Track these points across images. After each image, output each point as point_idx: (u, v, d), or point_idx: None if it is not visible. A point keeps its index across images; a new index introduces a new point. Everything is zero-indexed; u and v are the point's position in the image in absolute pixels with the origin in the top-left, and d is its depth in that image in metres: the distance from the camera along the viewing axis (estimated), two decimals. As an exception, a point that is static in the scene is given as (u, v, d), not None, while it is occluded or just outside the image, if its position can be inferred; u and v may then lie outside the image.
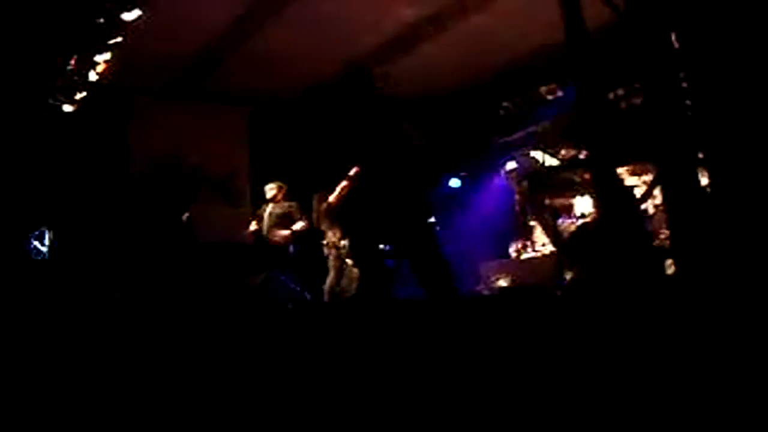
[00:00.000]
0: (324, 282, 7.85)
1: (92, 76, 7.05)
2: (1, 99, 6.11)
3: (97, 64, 6.85)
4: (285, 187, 8.22)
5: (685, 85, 3.58)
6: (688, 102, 3.56)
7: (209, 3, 7.02)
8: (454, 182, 10.55)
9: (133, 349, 3.79)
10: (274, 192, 8.14)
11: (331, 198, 7.07)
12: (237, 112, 9.95)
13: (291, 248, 7.99)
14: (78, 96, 7.29)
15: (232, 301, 7.62)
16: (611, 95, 7.54)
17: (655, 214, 6.76)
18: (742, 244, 3.22)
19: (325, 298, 7.76)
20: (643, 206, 6.38)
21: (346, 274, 7.78)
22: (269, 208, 8.09)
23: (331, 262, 7.88)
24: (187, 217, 8.22)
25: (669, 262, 4.67)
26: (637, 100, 7.19)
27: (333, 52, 8.09)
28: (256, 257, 8.10)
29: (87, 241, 7.82)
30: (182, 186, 8.69)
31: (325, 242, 7.93)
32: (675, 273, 4.17)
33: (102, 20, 6.17)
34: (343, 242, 7.72)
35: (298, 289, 7.82)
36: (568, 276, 7.36)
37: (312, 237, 8.07)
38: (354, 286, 7.64)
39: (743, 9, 3.29)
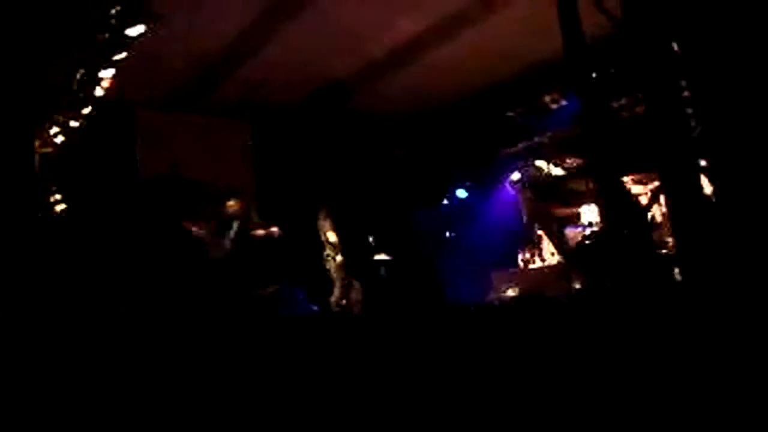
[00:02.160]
0: (330, 295, 7.85)
1: (98, 92, 7.08)
2: (7, 114, 6.14)
3: (103, 79, 6.88)
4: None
5: (687, 93, 3.57)
6: (690, 110, 3.55)
7: (213, 17, 7.05)
8: (461, 193, 10.56)
9: (137, 357, 3.79)
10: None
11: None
12: (240, 126, 9.97)
13: None
14: (84, 111, 7.33)
15: (240, 314, 7.63)
16: (614, 104, 7.54)
17: (662, 222, 6.74)
18: (747, 252, 3.20)
19: (333, 310, 7.76)
20: (650, 215, 6.36)
21: (355, 286, 7.78)
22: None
23: (334, 275, 7.88)
24: (197, 231, 8.24)
25: (677, 270, 4.64)
26: (640, 109, 7.18)
27: (336, 64, 8.13)
28: (266, 270, 8.11)
29: (92, 251, 7.83)
30: (187, 200, 8.70)
31: (325, 255, 7.93)
32: (681, 281, 4.15)
33: (107, 36, 6.20)
34: (338, 257, 7.74)
35: (306, 302, 7.82)
36: (576, 285, 7.35)
37: (318, 250, 8.09)
38: (361, 298, 7.67)
39: (744, 15, 3.29)
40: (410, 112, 9.67)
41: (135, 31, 6.16)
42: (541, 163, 9.40)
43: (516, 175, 9.79)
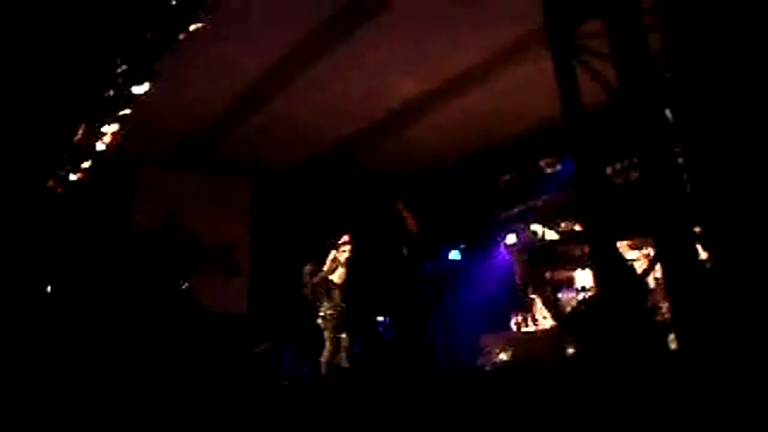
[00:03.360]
0: (321, 355, 7.77)
1: (99, 146, 7.12)
2: (9, 165, 6.17)
3: (105, 134, 6.94)
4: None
5: (681, 160, 3.63)
6: (684, 177, 3.60)
7: (216, 78, 7.19)
8: (455, 254, 10.55)
9: (130, 413, 3.74)
10: None
11: (325, 269, 7.14)
12: (239, 183, 10.04)
13: None
14: (84, 165, 7.36)
15: (230, 372, 7.54)
16: (609, 170, 7.63)
17: (656, 288, 6.74)
18: (742, 319, 3.21)
19: (323, 370, 7.67)
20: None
21: (342, 346, 7.71)
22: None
23: (327, 335, 7.80)
24: (187, 286, 8.20)
25: (671, 336, 4.63)
26: (635, 174, 7.25)
27: (335, 126, 8.26)
28: (256, 329, 8.04)
29: (87, 306, 7.78)
30: (181, 255, 8.69)
31: (321, 314, 7.86)
32: (677, 348, 4.13)
33: (112, 92, 6.27)
34: (330, 312, 7.68)
35: (295, 362, 7.74)
36: (569, 350, 7.29)
37: (307, 309, 8.03)
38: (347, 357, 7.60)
39: (738, 84, 3.37)
40: (406, 173, 9.77)
41: (141, 89, 6.24)
42: (536, 227, 9.44)
43: (511, 238, 9.80)
